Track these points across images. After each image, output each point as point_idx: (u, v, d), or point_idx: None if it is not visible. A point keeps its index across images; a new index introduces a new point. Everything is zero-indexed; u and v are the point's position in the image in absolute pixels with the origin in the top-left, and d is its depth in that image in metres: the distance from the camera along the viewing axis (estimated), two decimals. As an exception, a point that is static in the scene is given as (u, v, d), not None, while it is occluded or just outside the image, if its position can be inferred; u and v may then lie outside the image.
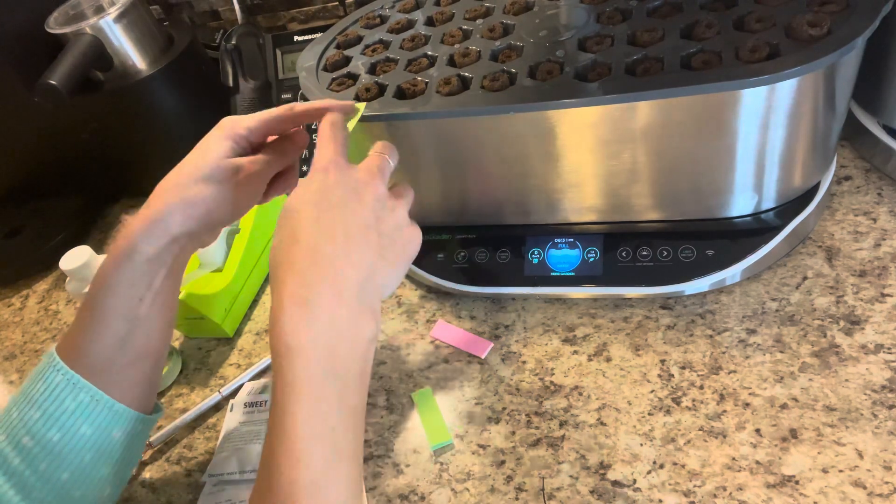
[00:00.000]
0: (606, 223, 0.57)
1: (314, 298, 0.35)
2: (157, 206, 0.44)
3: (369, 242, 0.39)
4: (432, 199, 0.60)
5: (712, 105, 0.45)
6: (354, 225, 0.39)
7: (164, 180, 0.46)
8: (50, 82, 0.67)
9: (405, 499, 0.49)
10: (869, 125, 0.60)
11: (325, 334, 0.35)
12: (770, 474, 0.44)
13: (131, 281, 0.43)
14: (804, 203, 0.53)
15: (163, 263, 0.44)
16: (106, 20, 0.73)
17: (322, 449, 0.34)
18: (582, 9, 0.56)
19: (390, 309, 0.64)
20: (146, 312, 0.44)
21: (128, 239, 0.43)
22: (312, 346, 0.35)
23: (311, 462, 0.33)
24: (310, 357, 0.34)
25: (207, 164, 0.45)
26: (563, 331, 0.57)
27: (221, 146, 0.46)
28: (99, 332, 0.43)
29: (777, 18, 0.46)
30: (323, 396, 0.34)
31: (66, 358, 0.42)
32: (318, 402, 0.34)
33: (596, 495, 0.46)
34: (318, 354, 0.35)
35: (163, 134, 0.82)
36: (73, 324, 0.44)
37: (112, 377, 0.43)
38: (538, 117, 0.49)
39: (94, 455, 0.42)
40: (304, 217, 0.38)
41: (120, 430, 0.44)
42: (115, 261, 0.43)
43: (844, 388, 0.47)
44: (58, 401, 0.41)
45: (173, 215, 0.44)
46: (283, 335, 0.35)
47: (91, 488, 0.43)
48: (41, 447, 0.41)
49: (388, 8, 0.68)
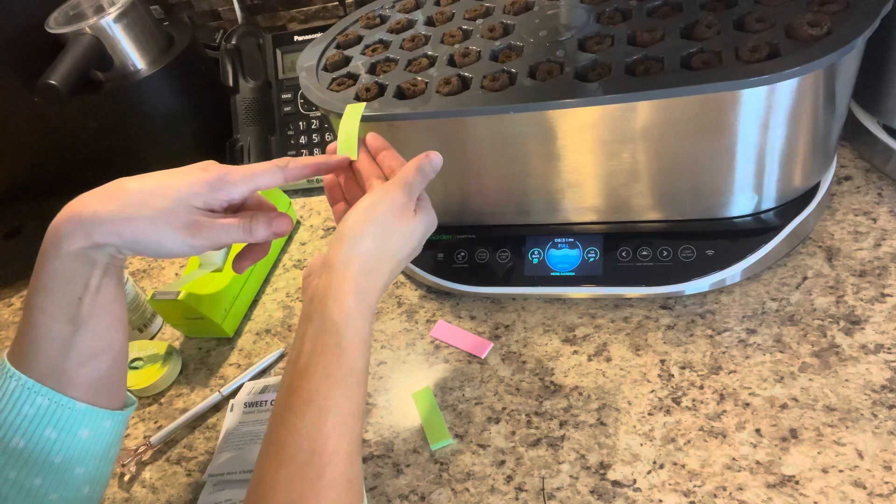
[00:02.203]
0: (606, 223, 0.57)
1: (359, 290, 0.42)
2: (92, 206, 0.41)
3: (394, 272, 0.46)
4: (432, 198, 0.60)
5: (712, 105, 0.45)
6: (399, 258, 0.45)
7: (120, 183, 0.42)
8: (50, 82, 0.67)
9: (405, 499, 0.49)
10: (869, 125, 0.60)
11: (360, 317, 0.42)
12: (770, 474, 0.44)
13: (63, 278, 0.41)
14: (804, 203, 0.53)
15: (92, 263, 0.41)
16: (106, 20, 0.73)
17: (347, 392, 0.40)
18: (582, 9, 0.56)
19: (390, 309, 0.64)
20: (88, 312, 0.42)
21: (53, 233, 0.41)
22: (351, 321, 0.41)
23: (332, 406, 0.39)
24: (348, 328, 0.41)
25: (164, 206, 0.42)
26: (563, 331, 0.57)
27: (191, 195, 0.42)
28: (42, 335, 0.41)
29: (777, 18, 0.46)
30: (354, 369, 0.41)
31: (18, 364, 0.41)
32: (351, 374, 0.40)
33: (596, 495, 0.46)
34: (354, 329, 0.41)
35: (163, 134, 0.82)
36: (18, 328, 0.42)
37: (67, 378, 0.42)
38: (538, 117, 0.49)
39: (65, 457, 0.42)
40: (369, 229, 0.44)
41: (87, 429, 0.43)
42: (42, 257, 0.41)
43: (844, 388, 0.47)
44: (16, 408, 0.40)
45: (102, 225, 0.40)
46: (335, 302, 0.41)
47: (67, 490, 0.42)
48: (7, 456, 0.40)
49: (388, 8, 0.68)
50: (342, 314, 0.41)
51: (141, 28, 0.77)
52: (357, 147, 0.48)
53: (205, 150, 0.85)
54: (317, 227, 0.77)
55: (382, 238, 0.44)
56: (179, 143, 0.84)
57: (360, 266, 0.43)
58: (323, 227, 0.76)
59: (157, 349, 0.65)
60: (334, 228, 0.75)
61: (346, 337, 0.40)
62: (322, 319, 0.40)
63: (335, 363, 0.39)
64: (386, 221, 0.44)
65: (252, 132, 0.83)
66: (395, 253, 0.45)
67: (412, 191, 0.45)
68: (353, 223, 0.44)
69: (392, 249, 0.45)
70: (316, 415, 0.38)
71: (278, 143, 0.82)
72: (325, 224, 0.77)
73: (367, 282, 0.43)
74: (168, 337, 0.70)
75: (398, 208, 0.45)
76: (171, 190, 0.42)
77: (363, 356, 0.41)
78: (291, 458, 0.36)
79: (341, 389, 0.39)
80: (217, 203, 0.44)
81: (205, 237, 0.43)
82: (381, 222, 0.44)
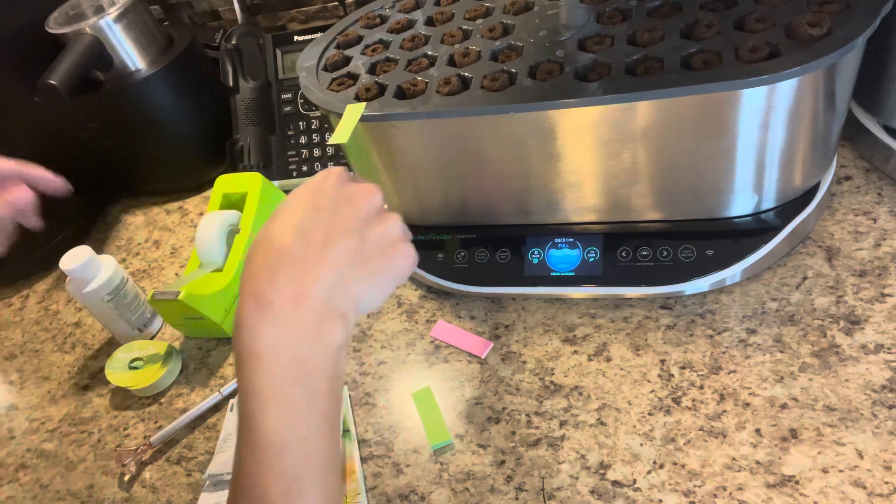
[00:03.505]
0: (606, 223, 0.57)
1: (278, 302, 0.34)
2: None
3: (348, 246, 0.36)
4: (432, 198, 0.60)
5: (712, 105, 0.45)
6: (337, 228, 0.37)
7: None
8: (50, 82, 0.67)
9: (405, 499, 0.49)
10: (869, 125, 0.60)
11: (288, 338, 0.34)
12: (770, 474, 0.44)
13: None
14: (804, 203, 0.53)
15: None
16: (106, 20, 0.73)
17: (293, 458, 0.33)
18: (582, 9, 0.55)
19: (390, 309, 0.64)
20: None
21: None
22: (275, 352, 0.33)
23: (282, 472, 0.32)
24: (274, 363, 0.33)
25: None
26: (563, 331, 0.57)
27: None
28: None
29: (777, 18, 0.46)
30: (291, 404, 0.33)
31: None
32: (287, 410, 0.33)
33: (596, 495, 0.46)
34: (283, 360, 0.33)
35: (163, 134, 0.82)
36: None
37: None
38: (538, 117, 0.49)
39: None
40: (287, 217, 0.37)
41: None
42: None
43: (844, 388, 0.47)
44: None
45: None
46: (246, 339, 0.34)
47: None
48: None
49: (388, 8, 0.68)
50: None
51: (141, 28, 0.77)
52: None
53: (205, 149, 0.86)
54: (317, 227, 0.76)
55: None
56: (179, 143, 0.84)
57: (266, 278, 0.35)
58: (323, 227, 0.76)
59: (157, 349, 0.65)
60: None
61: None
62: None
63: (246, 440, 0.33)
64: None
65: (252, 132, 0.83)
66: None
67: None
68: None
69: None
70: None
71: (278, 143, 0.82)
72: (325, 224, 0.76)
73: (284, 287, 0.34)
74: (168, 337, 0.70)
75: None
76: None
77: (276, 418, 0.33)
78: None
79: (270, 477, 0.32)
80: None
81: None
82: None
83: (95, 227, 0.88)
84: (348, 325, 0.36)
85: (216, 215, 0.67)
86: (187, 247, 0.81)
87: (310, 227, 0.36)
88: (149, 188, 0.91)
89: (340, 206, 0.38)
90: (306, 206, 0.37)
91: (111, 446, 0.60)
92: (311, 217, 0.36)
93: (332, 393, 0.35)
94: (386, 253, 0.38)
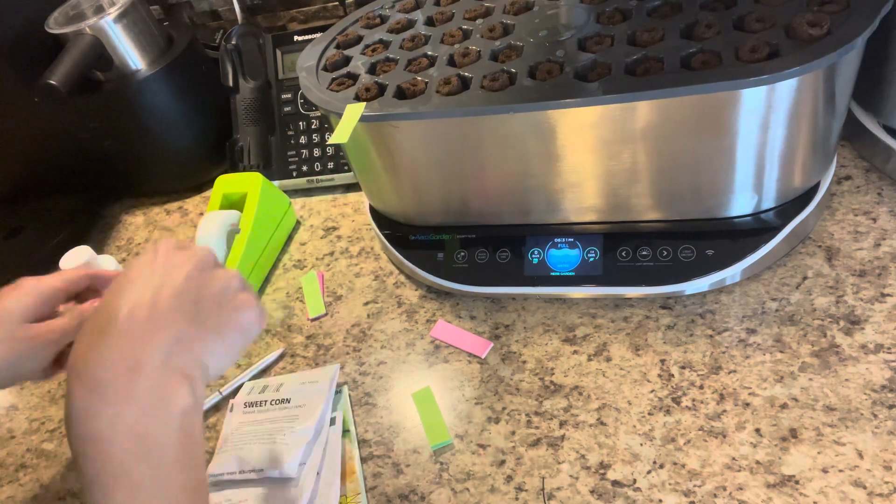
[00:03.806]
0: (606, 223, 0.57)
1: (107, 377, 0.32)
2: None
3: (181, 308, 0.35)
4: (432, 198, 0.60)
5: (712, 105, 0.45)
6: (166, 293, 0.35)
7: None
8: (50, 82, 0.67)
9: (405, 499, 0.49)
10: (869, 125, 0.60)
11: (124, 414, 0.31)
12: (770, 474, 0.44)
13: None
14: (804, 203, 0.53)
15: None
16: (106, 20, 0.73)
17: None
18: (582, 9, 0.56)
19: (390, 309, 0.64)
20: None
21: None
22: (111, 431, 0.31)
23: None
24: (110, 443, 0.30)
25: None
26: (563, 331, 0.57)
27: (21, 305, 0.44)
28: None
29: (777, 18, 0.46)
30: (137, 484, 0.30)
31: None
32: (133, 491, 0.30)
33: (596, 495, 0.46)
34: (120, 438, 0.31)
35: (163, 134, 0.82)
36: None
37: None
38: (538, 117, 0.49)
39: None
40: (114, 293, 0.35)
41: None
42: None
43: (844, 388, 0.47)
44: None
45: None
46: (75, 424, 0.31)
47: None
48: None
49: (388, 8, 0.68)
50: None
51: (141, 28, 0.77)
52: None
53: (205, 149, 0.86)
54: (317, 227, 0.77)
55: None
56: (179, 143, 0.84)
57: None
58: (322, 227, 0.76)
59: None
60: (334, 228, 0.75)
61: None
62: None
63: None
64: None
65: (252, 132, 0.83)
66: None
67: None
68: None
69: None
70: None
71: (278, 143, 0.82)
72: (325, 224, 0.77)
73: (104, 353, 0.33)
74: (168, 337, 0.70)
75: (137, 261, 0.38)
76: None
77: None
78: None
79: None
80: (45, 305, 0.45)
81: (48, 330, 0.45)
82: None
83: (95, 227, 0.88)
84: (195, 387, 0.34)
85: (216, 215, 0.67)
86: (187, 247, 0.80)
87: (138, 296, 0.34)
88: (149, 188, 0.91)
89: (170, 269, 0.36)
90: (135, 278, 0.35)
91: (111, 446, 0.60)
92: (140, 286, 0.35)
93: (186, 462, 0.32)
94: (225, 308, 0.37)
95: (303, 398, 0.56)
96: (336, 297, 0.67)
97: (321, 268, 0.71)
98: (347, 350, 0.62)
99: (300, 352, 0.63)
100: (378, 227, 0.66)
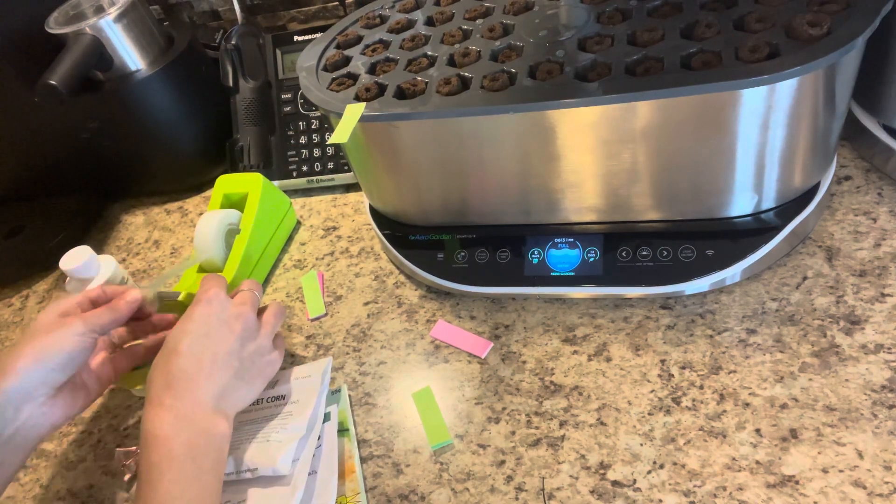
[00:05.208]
0: (606, 223, 0.57)
1: (176, 404, 0.46)
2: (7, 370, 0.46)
3: (229, 366, 0.49)
4: (432, 198, 0.60)
5: (712, 105, 0.45)
6: (221, 352, 0.49)
7: (14, 354, 0.47)
8: (50, 82, 0.67)
9: (405, 499, 0.49)
10: (869, 125, 0.60)
11: (184, 428, 0.45)
12: (770, 474, 0.44)
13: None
14: (804, 203, 0.53)
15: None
16: (106, 20, 0.73)
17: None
18: (582, 9, 0.56)
19: (390, 309, 0.64)
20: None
21: None
22: (174, 435, 0.44)
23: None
24: (172, 442, 0.44)
25: (59, 360, 0.48)
26: (563, 331, 0.57)
27: (77, 344, 0.49)
28: None
29: (777, 18, 0.46)
30: (182, 474, 0.43)
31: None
32: (180, 476, 0.43)
33: (596, 495, 0.46)
34: (179, 441, 0.44)
35: (163, 134, 0.82)
36: None
37: None
38: (538, 117, 0.49)
39: None
40: (183, 343, 0.48)
41: None
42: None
43: (844, 388, 0.47)
44: None
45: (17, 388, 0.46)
46: (151, 425, 0.45)
47: None
48: None
49: (388, 8, 0.68)
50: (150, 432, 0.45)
51: (141, 28, 0.77)
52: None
53: (205, 149, 0.86)
54: (317, 227, 0.77)
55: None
56: (179, 143, 0.84)
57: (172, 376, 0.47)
58: (323, 227, 0.76)
59: (157, 349, 0.65)
60: (334, 228, 0.75)
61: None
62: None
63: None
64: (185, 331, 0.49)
65: (252, 132, 0.83)
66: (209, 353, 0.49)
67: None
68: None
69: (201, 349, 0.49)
70: None
71: (278, 143, 0.82)
72: (325, 224, 0.77)
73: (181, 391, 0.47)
74: (168, 337, 0.70)
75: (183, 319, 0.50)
76: (56, 352, 0.48)
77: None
78: None
79: None
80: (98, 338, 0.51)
81: (100, 365, 0.55)
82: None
83: (95, 227, 0.89)
84: (230, 421, 0.49)
85: (215, 214, 0.67)
86: (187, 247, 0.81)
87: (199, 351, 0.48)
88: (149, 188, 0.91)
89: (222, 331, 0.50)
90: (196, 333, 0.49)
91: (111, 446, 0.60)
92: (199, 343, 0.49)
93: (215, 472, 0.45)
94: (258, 365, 0.52)
95: (297, 394, 0.56)
96: (336, 297, 0.67)
97: (321, 268, 0.71)
98: (347, 350, 0.62)
99: (300, 352, 0.63)
100: (378, 227, 0.66)
